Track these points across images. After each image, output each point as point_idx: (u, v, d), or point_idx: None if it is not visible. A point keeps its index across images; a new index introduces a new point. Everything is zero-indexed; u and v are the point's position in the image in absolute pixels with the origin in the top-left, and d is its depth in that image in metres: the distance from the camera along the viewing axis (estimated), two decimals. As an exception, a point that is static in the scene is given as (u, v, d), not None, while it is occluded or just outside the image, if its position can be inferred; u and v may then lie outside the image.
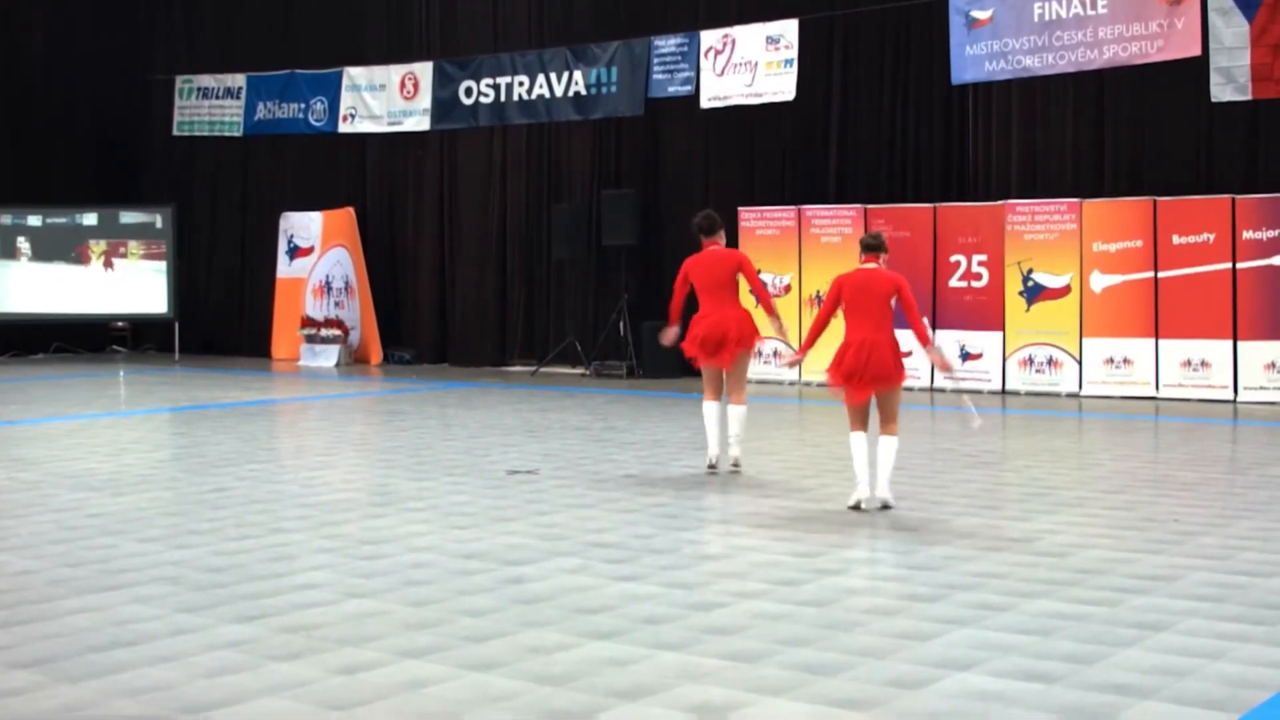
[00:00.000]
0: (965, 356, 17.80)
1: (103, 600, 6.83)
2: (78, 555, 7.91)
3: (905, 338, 10.07)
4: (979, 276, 17.83)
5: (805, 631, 6.18)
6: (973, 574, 7.27)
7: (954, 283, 17.99)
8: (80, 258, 24.63)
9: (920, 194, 18.71)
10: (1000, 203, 17.74)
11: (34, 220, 24.57)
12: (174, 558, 7.82)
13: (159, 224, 24.73)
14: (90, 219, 24.67)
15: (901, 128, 19.03)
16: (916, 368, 18.13)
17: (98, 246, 24.67)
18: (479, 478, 10.85)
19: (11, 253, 24.51)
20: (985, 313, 17.75)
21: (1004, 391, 17.51)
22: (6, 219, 24.45)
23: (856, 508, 9.21)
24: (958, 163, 18.65)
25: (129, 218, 24.81)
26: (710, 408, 10.91)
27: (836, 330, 9.66)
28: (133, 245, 24.72)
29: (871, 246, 9.58)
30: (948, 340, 17.82)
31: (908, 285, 9.62)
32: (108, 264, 24.67)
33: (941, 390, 17.27)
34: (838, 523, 8.85)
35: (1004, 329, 17.63)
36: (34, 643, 6.08)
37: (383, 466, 11.61)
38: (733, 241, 19.56)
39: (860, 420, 9.30)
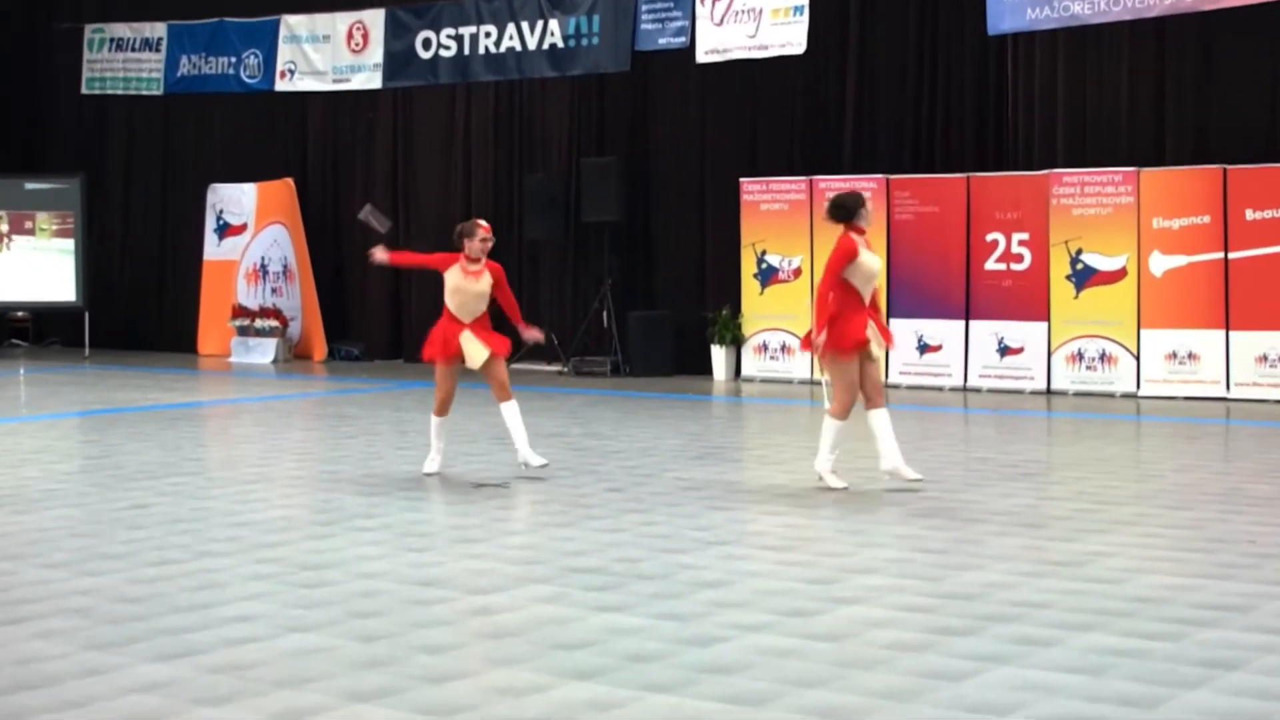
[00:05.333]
0: (1004, 350, 17.83)
1: (0, 636, 6.81)
2: (-29, 583, 7.89)
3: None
4: (1020, 258, 17.84)
5: (818, 670, 6.18)
6: (1013, 603, 7.28)
7: (990, 265, 18.00)
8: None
9: (951, 163, 18.72)
10: (1044, 172, 17.75)
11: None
12: (83, 586, 7.80)
13: (65, 197, 24.65)
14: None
15: (930, 86, 19.04)
16: (916, 362, 18.12)
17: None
18: (439, 492, 10.84)
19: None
20: (1027, 300, 17.76)
21: (1049, 391, 17.53)
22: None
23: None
24: (995, 126, 18.66)
25: (30, 187, 24.75)
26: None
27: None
28: (41, 219, 24.66)
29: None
30: (983, 331, 17.87)
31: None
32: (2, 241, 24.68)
33: None
34: (854, 544, 8.86)
35: (1049, 319, 17.64)
36: (-81, 685, 6.07)
37: (327, 480, 11.60)
38: (734, 216, 19.64)
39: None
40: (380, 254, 12.01)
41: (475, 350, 11.30)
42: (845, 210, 10.72)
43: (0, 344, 25.94)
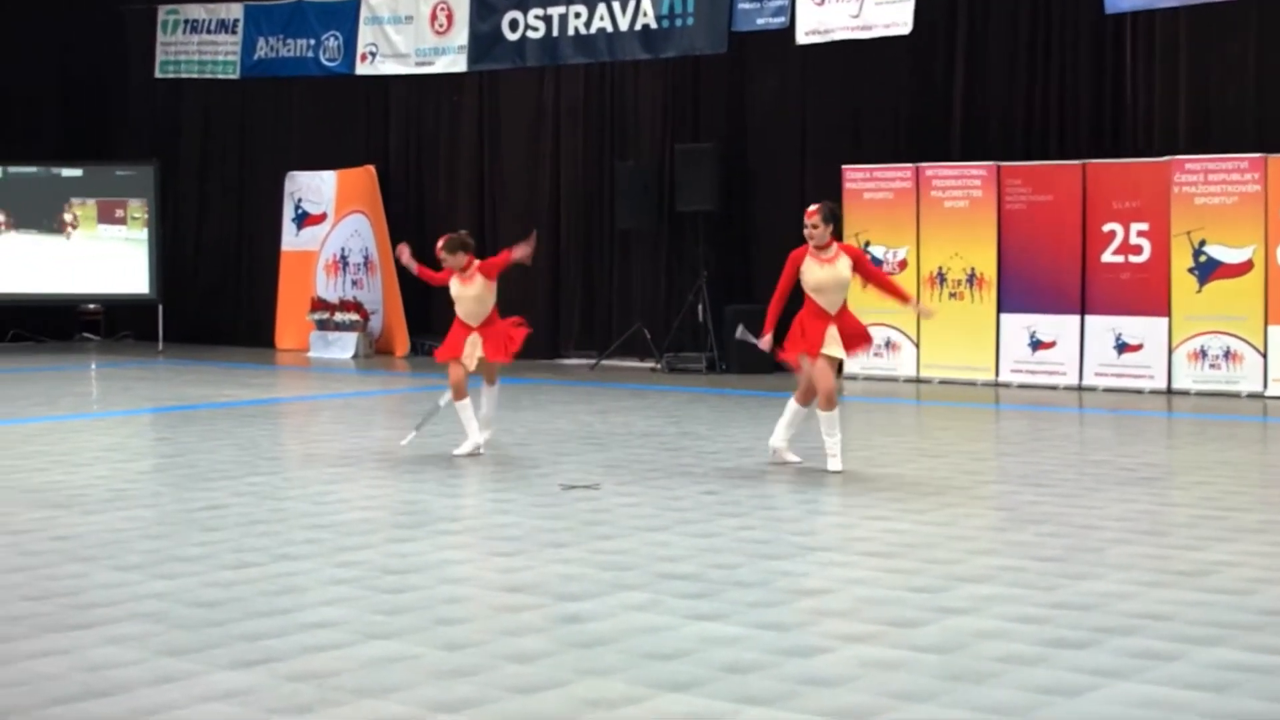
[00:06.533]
0: (1122, 347, 17.68)
1: (71, 641, 6.88)
2: (40, 586, 7.97)
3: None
4: (1139, 250, 17.70)
5: (926, 684, 6.15)
6: (1131, 615, 7.22)
7: (1108, 257, 17.86)
8: (58, 225, 24.94)
9: (1066, 149, 18.59)
10: (1165, 159, 17.59)
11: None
12: (157, 589, 7.88)
13: (138, 185, 24.93)
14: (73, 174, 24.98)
15: (1043, 67, 18.91)
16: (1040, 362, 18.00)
17: (84, 209, 24.96)
18: (527, 494, 10.87)
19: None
20: (1146, 294, 17.61)
21: (1170, 391, 17.37)
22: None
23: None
24: (1112, 110, 18.51)
25: (120, 173, 25.04)
26: None
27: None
28: (134, 206, 24.92)
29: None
30: (1100, 327, 17.73)
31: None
32: (65, 228, 24.99)
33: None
34: (963, 551, 8.80)
35: (1170, 314, 17.49)
36: (-10, 691, 6.14)
37: (410, 480, 11.66)
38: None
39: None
40: (407, 257, 13.96)
41: (473, 355, 12.96)
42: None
43: (71, 338, 26.30)
